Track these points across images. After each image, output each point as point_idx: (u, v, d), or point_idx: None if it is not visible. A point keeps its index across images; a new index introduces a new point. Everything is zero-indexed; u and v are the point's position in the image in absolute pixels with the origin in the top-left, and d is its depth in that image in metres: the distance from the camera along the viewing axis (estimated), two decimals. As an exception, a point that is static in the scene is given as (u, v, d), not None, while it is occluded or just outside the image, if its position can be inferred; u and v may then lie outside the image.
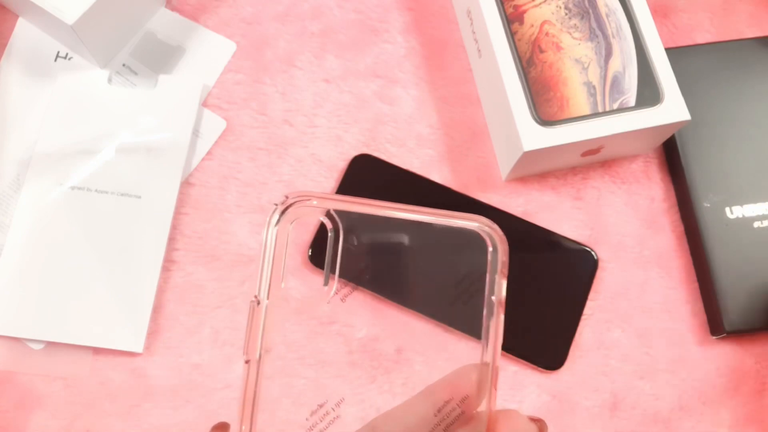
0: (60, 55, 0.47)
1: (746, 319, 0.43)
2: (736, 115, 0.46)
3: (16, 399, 0.41)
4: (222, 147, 0.46)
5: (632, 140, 0.44)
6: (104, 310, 0.42)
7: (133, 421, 0.41)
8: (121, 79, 0.47)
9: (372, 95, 0.48)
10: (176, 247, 0.44)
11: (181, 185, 0.45)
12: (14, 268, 0.42)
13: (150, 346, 0.42)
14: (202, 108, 0.47)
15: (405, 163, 0.46)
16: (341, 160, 0.46)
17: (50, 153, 0.44)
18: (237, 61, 0.48)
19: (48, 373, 0.41)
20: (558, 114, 0.42)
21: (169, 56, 0.48)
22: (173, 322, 0.43)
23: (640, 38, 0.44)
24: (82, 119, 0.45)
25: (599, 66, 0.43)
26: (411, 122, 0.48)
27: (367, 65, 0.49)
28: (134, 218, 0.43)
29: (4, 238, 0.43)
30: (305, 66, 0.48)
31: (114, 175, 0.44)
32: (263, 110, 0.47)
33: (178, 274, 0.44)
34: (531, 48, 0.43)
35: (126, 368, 0.42)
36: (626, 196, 0.47)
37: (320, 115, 0.47)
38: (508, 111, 0.42)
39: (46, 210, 0.43)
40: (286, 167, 0.46)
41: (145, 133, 0.45)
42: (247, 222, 0.45)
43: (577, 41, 0.43)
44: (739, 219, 0.44)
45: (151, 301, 0.42)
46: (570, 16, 0.44)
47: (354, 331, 0.43)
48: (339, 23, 0.50)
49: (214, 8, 0.49)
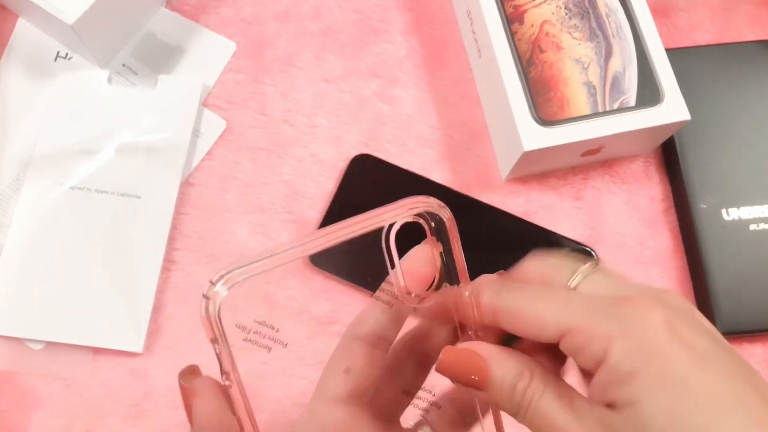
0: (60, 55, 0.47)
1: (740, 320, 0.43)
2: (735, 118, 0.46)
3: (16, 399, 0.41)
4: (222, 147, 0.46)
5: (632, 140, 0.44)
6: (104, 310, 0.42)
7: (132, 421, 0.41)
8: (121, 79, 0.47)
9: (372, 95, 0.48)
10: (176, 247, 0.44)
11: (181, 185, 0.45)
12: (14, 268, 0.42)
13: (150, 346, 0.42)
14: (202, 108, 0.47)
15: (405, 163, 0.46)
16: (341, 160, 0.46)
17: (50, 153, 0.44)
18: (237, 61, 0.48)
19: (48, 373, 0.41)
20: (558, 114, 0.42)
21: (169, 56, 0.48)
22: (173, 322, 0.43)
23: (640, 38, 0.44)
24: (82, 119, 0.45)
25: (599, 66, 0.43)
26: (411, 122, 0.48)
27: (367, 65, 0.49)
28: (134, 218, 0.43)
29: (4, 238, 0.43)
30: (305, 66, 0.48)
31: (114, 175, 0.44)
32: (263, 110, 0.47)
33: (178, 274, 0.44)
34: (531, 48, 0.43)
35: (126, 368, 0.42)
36: (626, 196, 0.47)
37: (320, 115, 0.47)
38: (508, 111, 0.42)
39: (46, 210, 0.43)
40: (286, 167, 0.46)
41: (145, 133, 0.45)
42: (248, 222, 0.45)
43: (577, 41, 0.43)
44: (735, 221, 0.44)
45: (151, 301, 0.42)
46: (570, 16, 0.44)
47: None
48: (339, 23, 0.50)
49: (214, 8, 0.49)
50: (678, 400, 0.20)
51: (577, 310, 0.23)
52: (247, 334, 0.25)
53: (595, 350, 0.22)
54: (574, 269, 0.24)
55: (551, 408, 0.23)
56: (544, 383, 0.23)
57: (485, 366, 0.24)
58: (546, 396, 0.23)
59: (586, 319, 0.22)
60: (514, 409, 0.23)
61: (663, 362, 0.21)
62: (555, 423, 0.22)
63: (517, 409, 0.23)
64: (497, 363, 0.24)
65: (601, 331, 0.22)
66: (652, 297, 0.22)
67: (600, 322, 0.22)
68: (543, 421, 0.23)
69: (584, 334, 0.22)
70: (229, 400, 0.23)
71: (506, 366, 0.23)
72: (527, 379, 0.23)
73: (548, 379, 0.23)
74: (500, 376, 0.23)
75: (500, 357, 0.24)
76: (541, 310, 0.23)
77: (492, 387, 0.23)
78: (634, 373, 0.21)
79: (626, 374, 0.21)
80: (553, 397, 0.23)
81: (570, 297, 0.23)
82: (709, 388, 0.20)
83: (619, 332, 0.22)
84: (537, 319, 0.23)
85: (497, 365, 0.24)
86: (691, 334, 0.21)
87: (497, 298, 0.24)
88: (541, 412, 0.23)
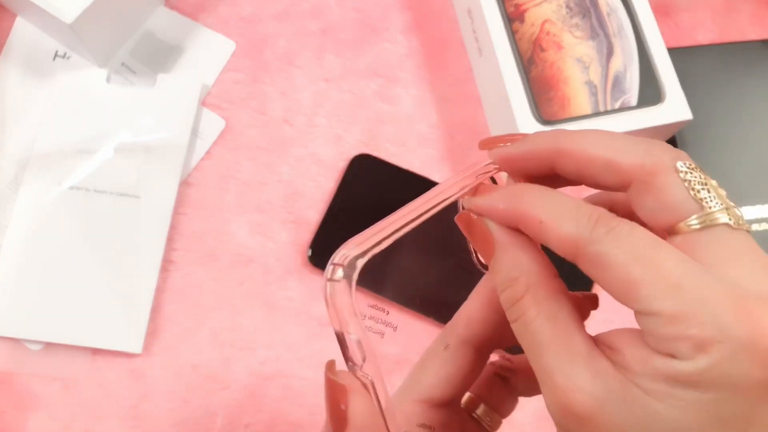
0: (58, 54, 0.47)
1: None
2: (737, 117, 0.46)
3: (14, 400, 0.41)
4: (221, 147, 0.46)
5: (634, 140, 0.44)
6: (103, 310, 0.42)
7: (131, 422, 0.41)
8: (120, 79, 0.47)
9: (372, 94, 0.48)
10: (175, 247, 0.44)
11: (179, 185, 0.45)
12: (12, 269, 0.42)
13: (148, 346, 0.42)
14: (201, 107, 0.46)
15: (405, 162, 0.46)
16: (341, 159, 0.46)
17: (49, 153, 0.44)
18: (236, 60, 0.48)
19: (46, 373, 0.41)
20: (559, 113, 0.42)
21: (168, 55, 0.47)
22: (172, 323, 0.42)
23: (641, 37, 0.43)
24: (81, 119, 0.45)
25: (600, 65, 0.43)
26: (411, 122, 0.47)
27: (367, 64, 0.48)
28: (133, 218, 0.43)
29: (3, 238, 0.43)
30: (305, 65, 0.48)
31: (112, 175, 0.44)
32: (263, 110, 0.47)
33: (177, 275, 0.43)
34: (532, 47, 0.43)
35: (124, 369, 0.42)
36: (627, 196, 0.47)
37: (320, 114, 0.47)
38: (509, 110, 0.42)
39: (44, 210, 0.43)
40: (286, 167, 0.46)
41: (144, 133, 0.45)
42: (247, 222, 0.45)
43: (579, 40, 0.43)
44: (738, 221, 0.44)
45: (149, 301, 0.42)
46: (571, 15, 0.44)
47: (354, 332, 0.43)
48: (339, 22, 0.49)
49: (213, 7, 0.49)
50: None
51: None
52: (364, 320, 0.22)
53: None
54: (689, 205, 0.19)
55: (542, 348, 0.19)
56: (537, 306, 0.19)
57: (491, 248, 0.21)
58: (538, 322, 0.19)
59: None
60: (509, 316, 0.20)
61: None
62: (545, 367, 0.19)
63: (510, 318, 0.20)
64: (503, 250, 0.21)
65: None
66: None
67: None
68: (532, 357, 0.19)
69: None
70: (375, 396, 0.20)
71: (508, 261, 0.21)
72: (519, 290, 0.20)
73: (548, 302, 0.20)
74: (500, 271, 0.21)
75: (510, 246, 0.21)
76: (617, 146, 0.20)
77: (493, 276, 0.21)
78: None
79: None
80: (549, 331, 0.19)
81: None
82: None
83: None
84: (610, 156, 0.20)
85: (502, 252, 0.21)
86: None
87: (557, 141, 0.21)
88: (529, 343, 0.19)
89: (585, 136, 0.21)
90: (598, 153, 0.20)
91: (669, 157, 0.19)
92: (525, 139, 0.22)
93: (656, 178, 0.19)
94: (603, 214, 0.19)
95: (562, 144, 0.21)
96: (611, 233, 0.18)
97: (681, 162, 0.19)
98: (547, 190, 0.20)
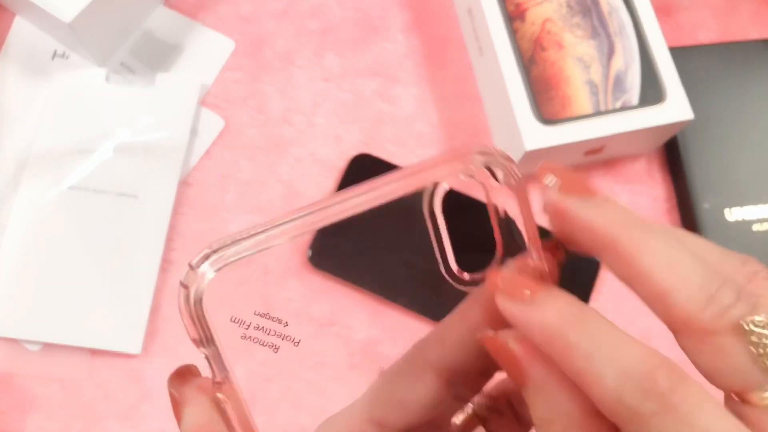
0: (57, 53, 0.47)
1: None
2: (739, 117, 0.46)
3: (13, 401, 0.41)
4: (220, 146, 0.46)
5: (635, 140, 0.43)
6: (101, 310, 0.41)
7: (130, 423, 0.41)
8: (119, 78, 0.46)
9: (372, 94, 0.48)
10: (174, 247, 0.44)
11: (178, 185, 0.44)
12: (11, 269, 0.42)
13: (148, 347, 0.42)
14: (200, 107, 0.46)
15: (405, 162, 0.46)
16: (341, 159, 0.46)
17: (47, 152, 0.44)
18: (235, 59, 0.48)
19: (45, 374, 0.41)
20: (560, 113, 0.41)
21: (167, 54, 0.47)
22: (171, 323, 0.42)
23: (642, 36, 0.43)
24: (80, 118, 0.45)
25: (601, 64, 0.43)
26: (411, 121, 0.47)
27: (367, 64, 0.48)
28: (132, 218, 0.43)
29: (1, 238, 0.42)
30: (304, 64, 0.48)
31: (111, 175, 0.44)
32: (262, 109, 0.47)
33: (176, 275, 0.43)
34: (532, 46, 0.43)
35: (123, 369, 0.41)
36: (629, 195, 0.47)
37: (320, 114, 0.47)
38: (509, 110, 0.42)
39: (43, 210, 0.43)
40: (285, 167, 0.46)
41: (143, 132, 0.45)
42: (246, 222, 0.44)
43: (579, 39, 0.43)
44: (738, 222, 0.44)
45: (148, 301, 0.42)
46: (572, 14, 0.44)
47: (353, 333, 0.43)
48: (339, 21, 0.49)
49: (212, 6, 0.49)
50: None
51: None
52: (245, 329, 0.20)
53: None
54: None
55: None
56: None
57: (523, 379, 0.18)
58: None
59: None
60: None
61: None
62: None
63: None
64: (537, 389, 0.18)
65: None
66: None
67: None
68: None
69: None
70: (225, 413, 0.19)
71: (542, 400, 0.18)
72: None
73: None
74: (534, 408, 0.18)
75: (545, 384, 0.18)
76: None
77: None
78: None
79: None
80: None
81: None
82: None
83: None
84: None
85: (535, 391, 0.18)
86: None
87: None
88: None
89: (648, 245, 0.17)
90: (654, 276, 0.17)
91: (739, 311, 0.16)
92: (595, 206, 0.19)
93: (715, 338, 0.16)
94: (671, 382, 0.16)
95: (621, 242, 0.18)
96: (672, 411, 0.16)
97: (752, 320, 0.16)
98: (606, 332, 0.18)
